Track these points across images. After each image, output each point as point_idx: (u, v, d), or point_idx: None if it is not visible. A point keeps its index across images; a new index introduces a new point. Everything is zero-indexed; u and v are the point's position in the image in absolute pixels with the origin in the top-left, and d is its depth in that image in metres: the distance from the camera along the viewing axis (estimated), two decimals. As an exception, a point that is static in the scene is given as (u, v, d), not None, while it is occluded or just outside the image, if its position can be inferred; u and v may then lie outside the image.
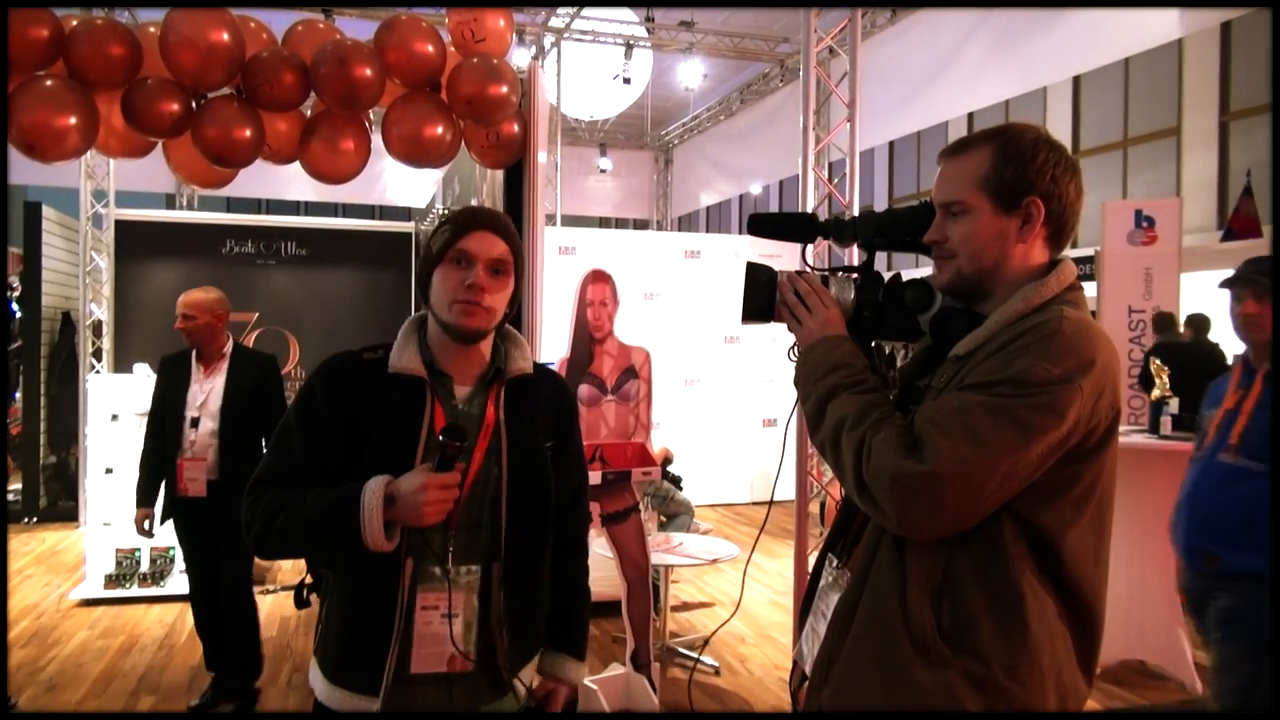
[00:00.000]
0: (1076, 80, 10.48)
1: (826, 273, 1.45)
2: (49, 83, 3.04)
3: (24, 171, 7.38)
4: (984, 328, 1.28)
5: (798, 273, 1.44)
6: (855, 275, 1.45)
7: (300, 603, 1.71)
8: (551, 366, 3.75)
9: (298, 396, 1.60)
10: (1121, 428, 4.06)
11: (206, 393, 3.67)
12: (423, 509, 1.43)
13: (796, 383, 1.39)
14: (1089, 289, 7.67)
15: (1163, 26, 6.55)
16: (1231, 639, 2.50)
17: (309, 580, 1.70)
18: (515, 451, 1.60)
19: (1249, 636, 2.44)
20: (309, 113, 3.45)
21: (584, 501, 1.83)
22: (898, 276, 1.44)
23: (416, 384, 1.56)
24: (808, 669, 1.43)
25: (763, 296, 1.43)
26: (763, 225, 1.52)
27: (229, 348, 3.75)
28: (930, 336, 1.39)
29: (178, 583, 3.81)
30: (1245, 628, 2.45)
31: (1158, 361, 4.67)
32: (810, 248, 1.56)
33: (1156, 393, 4.44)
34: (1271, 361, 2.48)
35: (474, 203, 4.06)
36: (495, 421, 1.60)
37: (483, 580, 1.58)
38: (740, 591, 5.54)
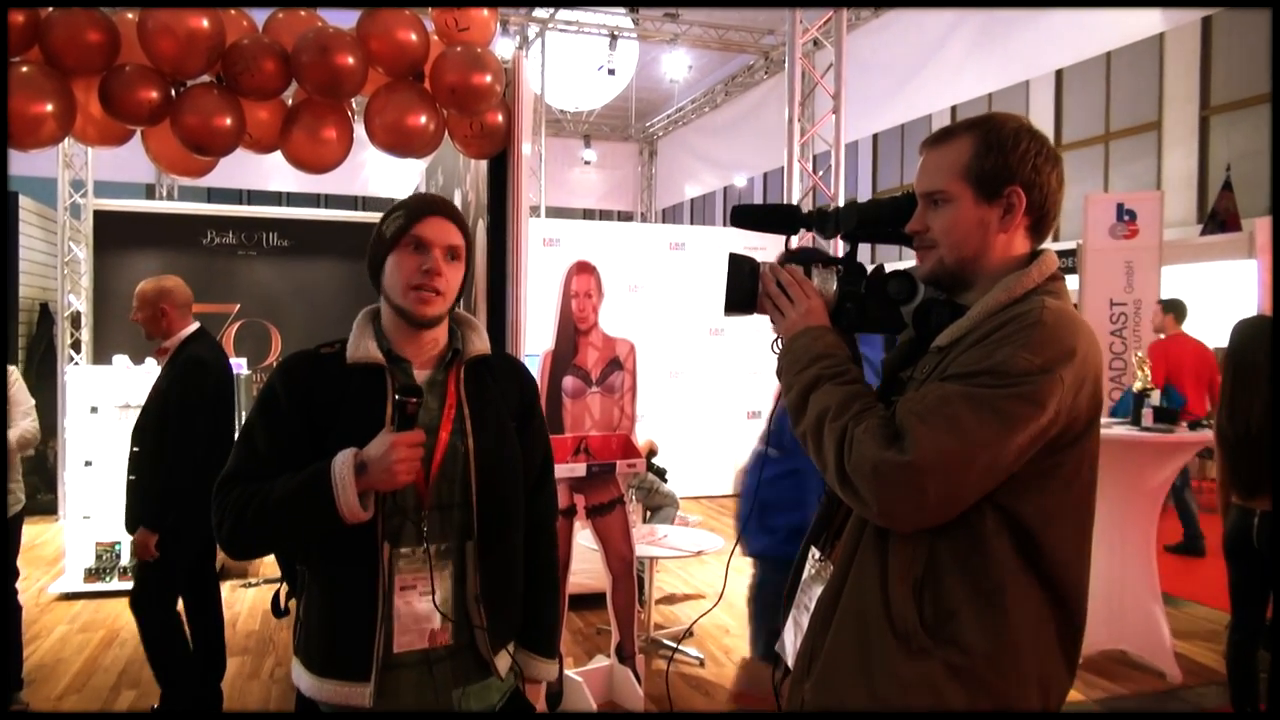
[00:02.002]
0: (1059, 74, 10.54)
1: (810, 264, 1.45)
2: (25, 69, 2.99)
3: None
4: (965, 319, 1.28)
5: (780, 264, 1.44)
6: (838, 266, 1.45)
7: (278, 611, 1.71)
8: (536, 359, 3.73)
9: (259, 396, 1.61)
10: (1103, 419, 4.09)
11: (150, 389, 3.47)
12: (395, 468, 1.44)
13: (779, 374, 1.39)
14: (1070, 282, 7.73)
15: (1144, 21, 6.60)
16: (762, 623, 2.73)
17: (284, 589, 1.70)
18: (480, 429, 1.62)
19: (765, 607, 2.64)
20: (290, 101, 3.42)
21: (550, 481, 1.84)
22: (880, 268, 1.44)
23: (376, 372, 1.58)
24: (790, 662, 1.43)
25: (745, 288, 1.43)
26: (747, 217, 1.52)
27: (173, 342, 3.45)
28: (913, 328, 1.39)
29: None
30: (762, 599, 2.69)
31: (1139, 354, 4.71)
32: (795, 240, 1.56)
33: (1139, 385, 4.48)
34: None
35: (457, 194, 4.04)
36: (457, 401, 1.61)
37: (458, 559, 1.60)
38: (724, 583, 5.54)
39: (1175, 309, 6.42)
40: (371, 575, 1.52)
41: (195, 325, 3.52)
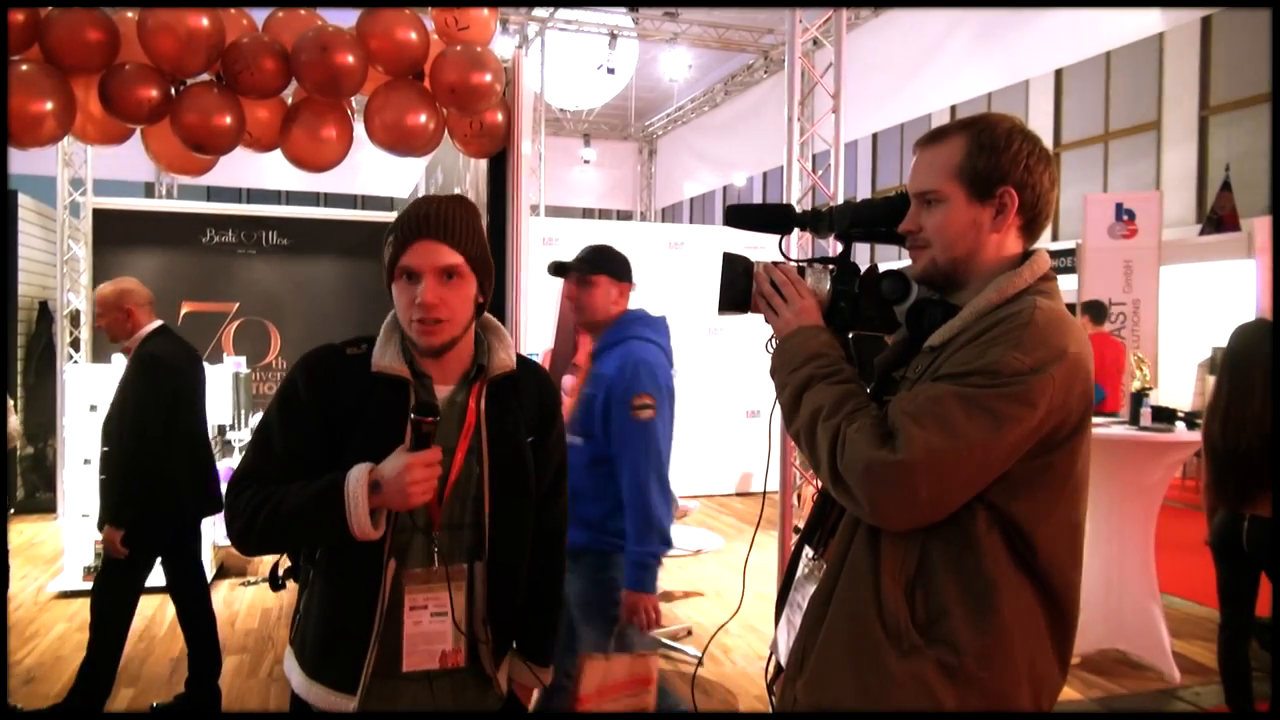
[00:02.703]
0: (1058, 73, 10.55)
1: (803, 264, 1.45)
2: (25, 67, 3.00)
3: None
4: (958, 318, 1.28)
5: (774, 263, 1.44)
6: (831, 266, 1.45)
7: (275, 584, 1.70)
8: (535, 357, 3.74)
9: (279, 391, 1.57)
10: (1101, 419, 4.06)
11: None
12: (409, 489, 1.41)
13: (772, 373, 1.39)
14: (1070, 281, 7.75)
15: (1144, 21, 6.61)
16: (587, 620, 2.54)
17: (286, 564, 1.69)
18: (496, 450, 1.58)
19: (600, 615, 2.51)
20: (290, 100, 3.42)
21: (563, 491, 1.81)
22: (874, 267, 1.45)
23: (399, 384, 1.53)
24: (783, 660, 1.43)
25: (739, 287, 1.44)
26: (741, 217, 1.52)
27: (134, 341, 3.44)
28: (906, 327, 1.40)
29: (156, 575, 3.84)
30: (595, 609, 2.52)
31: (1139, 354, 4.72)
32: (794, 239, 1.57)
33: (1137, 384, 4.48)
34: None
35: (456, 191, 4.04)
36: (476, 420, 1.57)
37: (467, 579, 1.58)
38: (741, 595, 5.55)
39: (1091, 310, 6.99)
40: (373, 590, 1.50)
41: (157, 323, 3.51)
